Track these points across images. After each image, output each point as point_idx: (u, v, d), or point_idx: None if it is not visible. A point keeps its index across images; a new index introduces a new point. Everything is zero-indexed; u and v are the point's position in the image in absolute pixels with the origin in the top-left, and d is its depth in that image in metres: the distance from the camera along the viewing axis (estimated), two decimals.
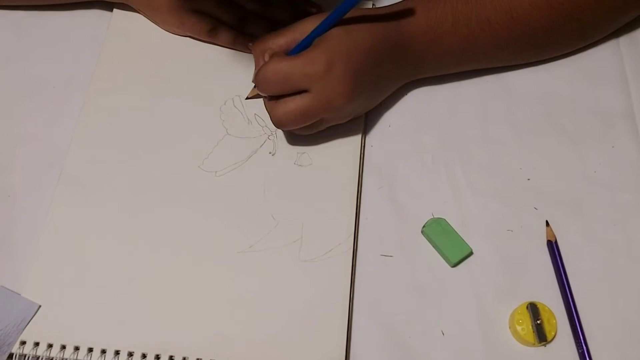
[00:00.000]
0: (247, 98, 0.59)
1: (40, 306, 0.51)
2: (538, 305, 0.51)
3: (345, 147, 0.57)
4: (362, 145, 0.58)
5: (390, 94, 0.59)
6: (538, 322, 0.50)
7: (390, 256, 0.54)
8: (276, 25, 0.59)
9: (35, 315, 0.50)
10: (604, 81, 0.61)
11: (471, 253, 0.53)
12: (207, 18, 0.59)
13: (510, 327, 0.51)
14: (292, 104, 0.52)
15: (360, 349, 0.50)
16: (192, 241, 0.53)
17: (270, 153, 0.57)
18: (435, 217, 0.55)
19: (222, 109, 0.59)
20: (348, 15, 0.51)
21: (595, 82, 0.61)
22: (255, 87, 0.58)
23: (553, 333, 0.50)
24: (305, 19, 0.54)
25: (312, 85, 0.51)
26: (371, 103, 0.57)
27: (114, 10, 0.63)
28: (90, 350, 0.50)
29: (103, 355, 0.49)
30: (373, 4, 0.63)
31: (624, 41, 0.62)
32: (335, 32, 0.52)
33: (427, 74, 0.59)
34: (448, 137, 0.58)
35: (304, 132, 0.55)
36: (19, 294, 0.51)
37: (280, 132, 0.58)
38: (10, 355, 0.49)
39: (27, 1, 0.63)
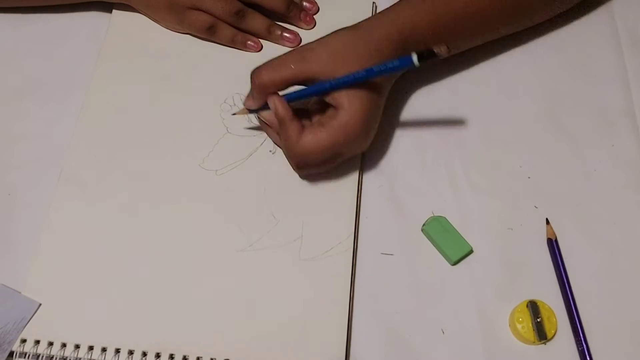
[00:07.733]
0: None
1: (40, 304, 0.51)
2: (538, 304, 0.51)
3: None
4: None
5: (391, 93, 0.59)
6: (538, 320, 0.50)
7: (391, 254, 0.54)
8: (272, 17, 0.61)
9: (36, 314, 0.50)
10: (605, 79, 0.61)
11: (471, 251, 0.53)
12: (206, 15, 0.59)
13: (510, 326, 0.51)
14: (325, 168, 0.54)
15: (361, 347, 0.50)
16: (192, 239, 0.53)
17: (270, 151, 0.57)
18: (435, 215, 0.55)
19: (222, 107, 0.59)
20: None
21: (596, 80, 0.61)
22: (245, 108, 0.55)
23: (553, 331, 0.50)
24: (305, 55, 0.52)
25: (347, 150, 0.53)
26: None
27: (113, 10, 0.63)
28: (91, 348, 0.50)
29: (103, 353, 0.49)
30: (374, 2, 0.63)
31: (624, 39, 0.62)
32: (354, 92, 0.51)
33: None
34: (448, 135, 0.58)
35: None
36: (19, 292, 0.51)
37: None
38: (11, 354, 0.49)
39: (26, 2, 0.63)
